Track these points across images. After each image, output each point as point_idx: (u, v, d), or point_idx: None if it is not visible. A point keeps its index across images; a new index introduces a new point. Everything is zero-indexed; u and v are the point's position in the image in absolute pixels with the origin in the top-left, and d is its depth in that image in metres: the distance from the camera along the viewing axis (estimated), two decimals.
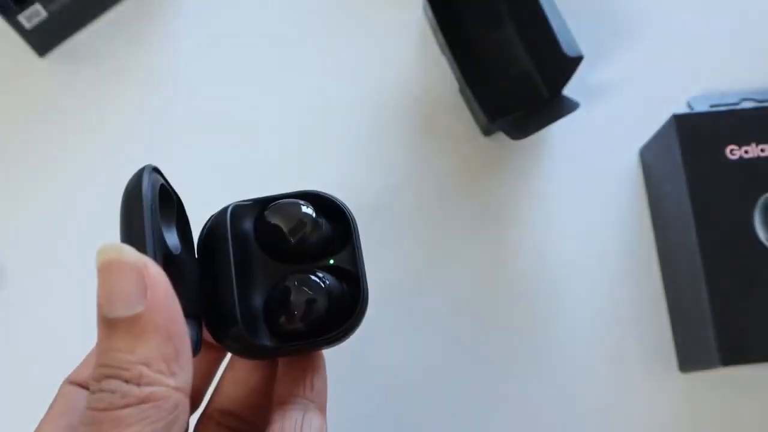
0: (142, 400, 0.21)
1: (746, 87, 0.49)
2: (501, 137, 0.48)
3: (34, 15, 0.47)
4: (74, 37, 0.51)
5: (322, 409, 0.29)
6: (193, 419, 0.30)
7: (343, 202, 0.29)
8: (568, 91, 0.47)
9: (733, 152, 0.43)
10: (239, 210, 0.29)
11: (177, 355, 0.22)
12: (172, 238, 0.27)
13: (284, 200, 0.29)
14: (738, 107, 0.46)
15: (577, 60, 0.45)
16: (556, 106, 0.47)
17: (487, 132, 0.48)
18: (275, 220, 0.28)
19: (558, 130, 0.49)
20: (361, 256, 0.29)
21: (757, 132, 0.43)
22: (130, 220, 0.24)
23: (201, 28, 0.51)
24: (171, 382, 0.22)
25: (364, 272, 0.28)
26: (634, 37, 0.51)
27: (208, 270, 0.28)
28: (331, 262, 0.29)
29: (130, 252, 0.22)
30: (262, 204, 0.29)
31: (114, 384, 0.21)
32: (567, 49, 0.45)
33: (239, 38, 0.51)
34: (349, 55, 0.51)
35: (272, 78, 0.50)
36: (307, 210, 0.28)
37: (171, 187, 0.28)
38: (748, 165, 0.43)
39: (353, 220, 0.29)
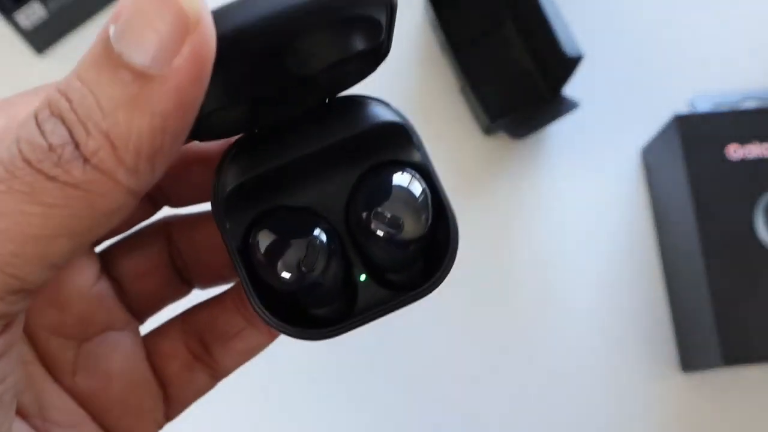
0: (76, 184, 0.16)
1: (748, 86, 0.49)
2: (501, 137, 0.48)
3: (32, 13, 0.47)
4: (73, 35, 0.50)
5: (272, 337, 0.25)
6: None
7: (448, 272, 0.22)
8: (568, 91, 0.47)
9: (735, 152, 0.43)
10: (401, 134, 0.22)
11: (157, 154, 0.16)
12: (311, 59, 0.19)
13: (428, 185, 0.21)
14: (740, 107, 0.46)
15: (577, 60, 0.45)
16: (556, 106, 0.47)
17: (487, 132, 0.48)
18: (396, 187, 0.21)
19: (558, 130, 0.49)
20: (383, 315, 0.21)
21: (759, 131, 0.43)
22: None
23: None
24: (126, 180, 0.16)
25: (361, 324, 0.21)
26: (634, 37, 0.51)
27: (306, 121, 0.21)
28: (362, 278, 0.22)
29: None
30: (415, 160, 0.22)
31: (60, 135, 0.16)
32: (567, 49, 0.45)
33: None
34: None
35: None
36: (423, 222, 0.21)
37: (389, 34, 0.20)
38: (750, 165, 0.43)
39: (427, 291, 0.22)
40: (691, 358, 0.44)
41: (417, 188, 0.21)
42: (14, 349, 0.18)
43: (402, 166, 0.21)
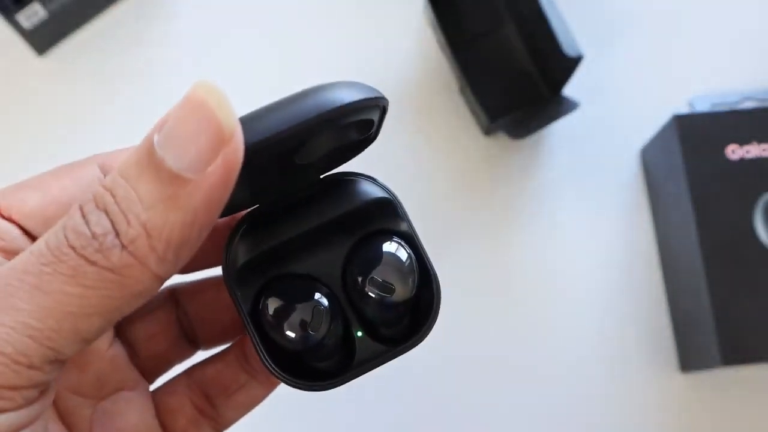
0: (112, 269, 0.18)
1: (747, 86, 0.49)
2: (501, 137, 0.48)
3: (33, 14, 0.47)
4: (73, 36, 0.50)
5: (271, 387, 0.27)
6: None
7: (431, 328, 0.24)
8: (568, 91, 0.47)
9: (734, 152, 0.43)
10: (387, 207, 0.24)
11: (184, 245, 0.19)
12: (310, 151, 0.22)
13: (413, 252, 0.24)
14: (739, 107, 0.46)
15: (577, 60, 0.45)
16: (556, 106, 0.47)
17: (487, 132, 0.48)
18: (385, 256, 0.23)
19: (558, 130, 0.49)
20: (378, 366, 0.24)
21: (758, 131, 0.43)
22: (289, 100, 0.20)
23: (201, 28, 0.51)
24: (156, 268, 0.19)
25: (359, 375, 0.24)
26: (634, 37, 0.51)
27: (304, 202, 0.24)
28: (359, 335, 0.24)
29: (226, 108, 0.18)
30: (399, 228, 0.24)
31: (103, 225, 0.18)
32: (567, 49, 0.45)
33: (239, 38, 0.51)
34: (348, 54, 0.50)
35: (272, 78, 0.50)
36: (410, 286, 0.23)
37: (378, 128, 0.23)
38: (749, 165, 0.43)
39: (413, 344, 0.24)
40: (690, 359, 0.44)
41: (404, 255, 0.23)
42: (45, 415, 0.20)
43: (390, 235, 0.24)
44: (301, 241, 0.24)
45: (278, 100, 0.20)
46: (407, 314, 0.24)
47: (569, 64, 0.45)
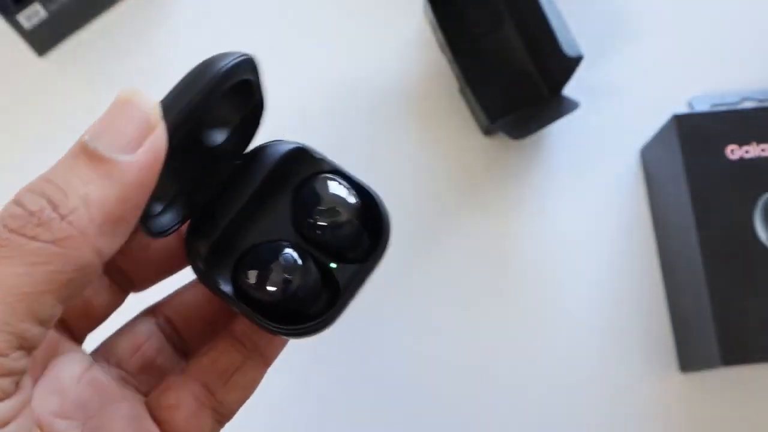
0: (55, 241, 0.19)
1: (747, 87, 0.49)
2: (501, 137, 0.48)
3: (33, 14, 0.47)
4: (74, 36, 0.50)
5: (267, 364, 0.28)
6: (141, 307, 0.29)
7: (390, 229, 0.27)
8: (568, 91, 0.47)
9: (734, 152, 0.43)
10: (302, 154, 0.27)
11: (120, 220, 0.20)
12: (216, 129, 0.25)
13: (342, 179, 0.27)
14: (738, 107, 0.46)
15: (577, 60, 0.45)
16: (556, 106, 0.47)
17: (487, 132, 0.48)
18: (319, 189, 0.26)
19: (558, 130, 0.49)
20: (363, 284, 0.26)
21: (758, 132, 0.43)
22: (177, 87, 0.23)
23: (200, 27, 0.51)
24: (96, 240, 0.20)
25: (350, 299, 0.26)
26: (634, 37, 0.51)
27: (232, 181, 0.26)
28: (332, 266, 0.26)
29: (149, 104, 0.21)
30: (323, 166, 0.27)
31: (39, 203, 0.20)
32: (567, 49, 0.45)
33: (239, 38, 0.51)
34: (348, 54, 0.51)
35: (272, 78, 0.50)
36: (352, 204, 0.26)
37: (260, 89, 0.26)
38: (748, 165, 0.43)
39: (384, 247, 0.26)
40: (690, 359, 0.44)
41: (333, 183, 0.26)
42: (27, 412, 0.21)
43: (317, 174, 0.27)
44: (246, 214, 0.26)
45: (169, 91, 0.23)
46: (363, 231, 0.27)
47: (569, 64, 0.45)
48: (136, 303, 0.29)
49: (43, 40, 0.49)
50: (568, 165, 0.49)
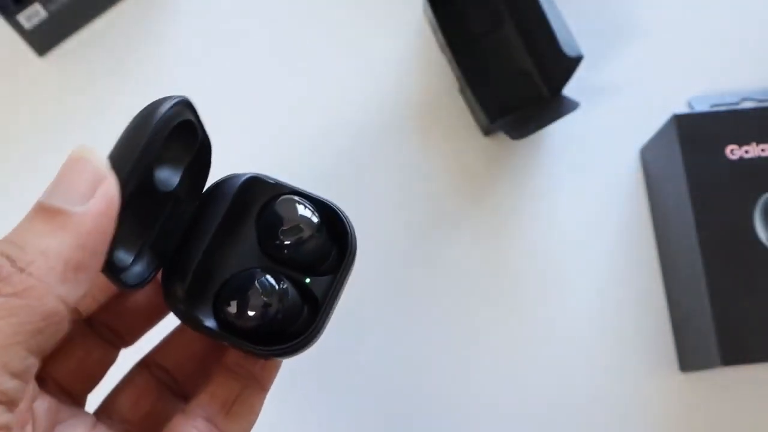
0: (16, 293, 0.20)
1: (746, 87, 0.49)
2: (501, 137, 0.48)
3: (33, 15, 0.47)
4: (74, 36, 0.50)
5: (264, 389, 0.29)
6: (133, 361, 0.30)
7: (355, 237, 0.28)
8: (568, 91, 0.47)
9: (734, 152, 0.43)
10: (257, 183, 0.28)
11: (80, 267, 0.21)
12: (168, 174, 0.26)
13: (299, 198, 0.28)
14: (738, 107, 0.46)
15: (577, 60, 0.45)
16: (556, 106, 0.47)
17: (487, 132, 0.48)
18: (280, 211, 0.27)
19: (558, 130, 0.49)
20: (339, 293, 0.28)
21: (758, 132, 0.43)
22: (123, 138, 0.24)
23: (200, 28, 0.51)
24: (59, 288, 0.21)
25: (330, 309, 0.27)
26: (634, 37, 0.51)
27: (195, 222, 0.28)
28: (307, 281, 0.28)
29: (98, 159, 0.22)
30: (280, 190, 0.28)
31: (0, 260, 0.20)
32: (567, 49, 0.45)
33: (239, 38, 0.51)
34: (349, 54, 0.51)
35: (272, 78, 0.50)
36: (314, 219, 0.27)
37: (202, 128, 0.27)
38: (748, 165, 0.43)
39: (352, 255, 0.28)
40: (689, 358, 0.44)
41: (291, 202, 0.27)
42: None
43: (275, 198, 0.28)
44: (215, 250, 0.27)
45: (115, 144, 0.24)
46: (329, 243, 0.28)
47: (569, 64, 0.45)
48: (131, 353, 0.30)
49: (43, 40, 0.49)
50: (568, 165, 0.49)
